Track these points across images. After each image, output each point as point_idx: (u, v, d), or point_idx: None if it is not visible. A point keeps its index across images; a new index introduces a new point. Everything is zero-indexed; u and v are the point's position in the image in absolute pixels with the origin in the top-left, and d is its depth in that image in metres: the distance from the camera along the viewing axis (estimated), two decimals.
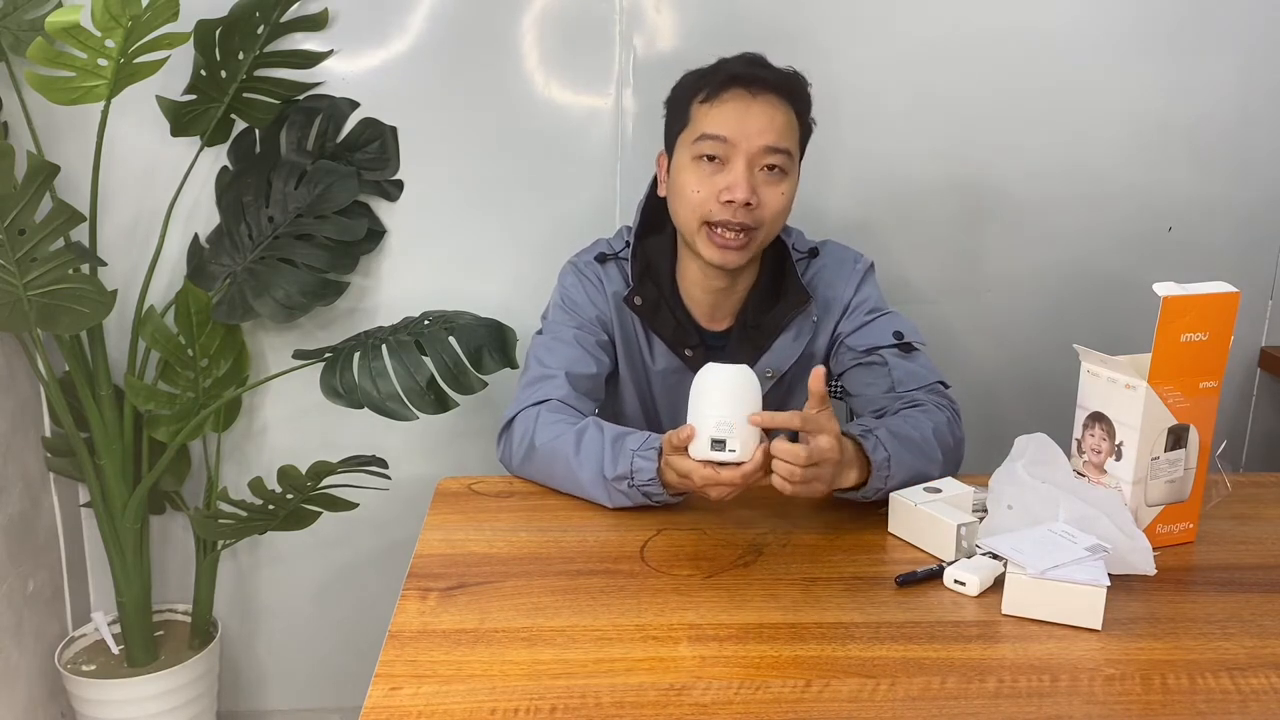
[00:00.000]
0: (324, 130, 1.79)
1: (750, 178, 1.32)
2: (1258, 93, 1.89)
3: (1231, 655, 0.98)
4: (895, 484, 1.22)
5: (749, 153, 1.32)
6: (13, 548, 1.76)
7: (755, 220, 1.33)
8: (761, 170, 1.33)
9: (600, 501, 1.26)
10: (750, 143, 1.32)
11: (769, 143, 1.32)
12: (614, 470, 1.22)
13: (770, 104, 1.34)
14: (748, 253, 1.36)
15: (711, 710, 0.89)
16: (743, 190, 1.31)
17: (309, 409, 1.88)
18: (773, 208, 1.34)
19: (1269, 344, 2.01)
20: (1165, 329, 1.11)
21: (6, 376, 1.76)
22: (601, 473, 1.24)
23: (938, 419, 1.31)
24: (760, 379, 1.43)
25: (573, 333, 1.43)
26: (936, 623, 1.02)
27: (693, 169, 1.35)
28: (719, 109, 1.33)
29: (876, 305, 1.46)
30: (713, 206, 1.33)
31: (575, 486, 1.28)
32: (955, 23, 1.82)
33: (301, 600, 2.05)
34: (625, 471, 1.21)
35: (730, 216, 1.32)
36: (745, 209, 1.32)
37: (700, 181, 1.34)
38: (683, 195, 1.36)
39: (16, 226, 1.46)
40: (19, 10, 1.67)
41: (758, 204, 1.32)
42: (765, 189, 1.33)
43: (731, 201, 1.31)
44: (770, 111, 1.33)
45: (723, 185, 1.32)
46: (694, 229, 1.36)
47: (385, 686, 0.91)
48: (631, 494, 1.23)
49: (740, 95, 1.33)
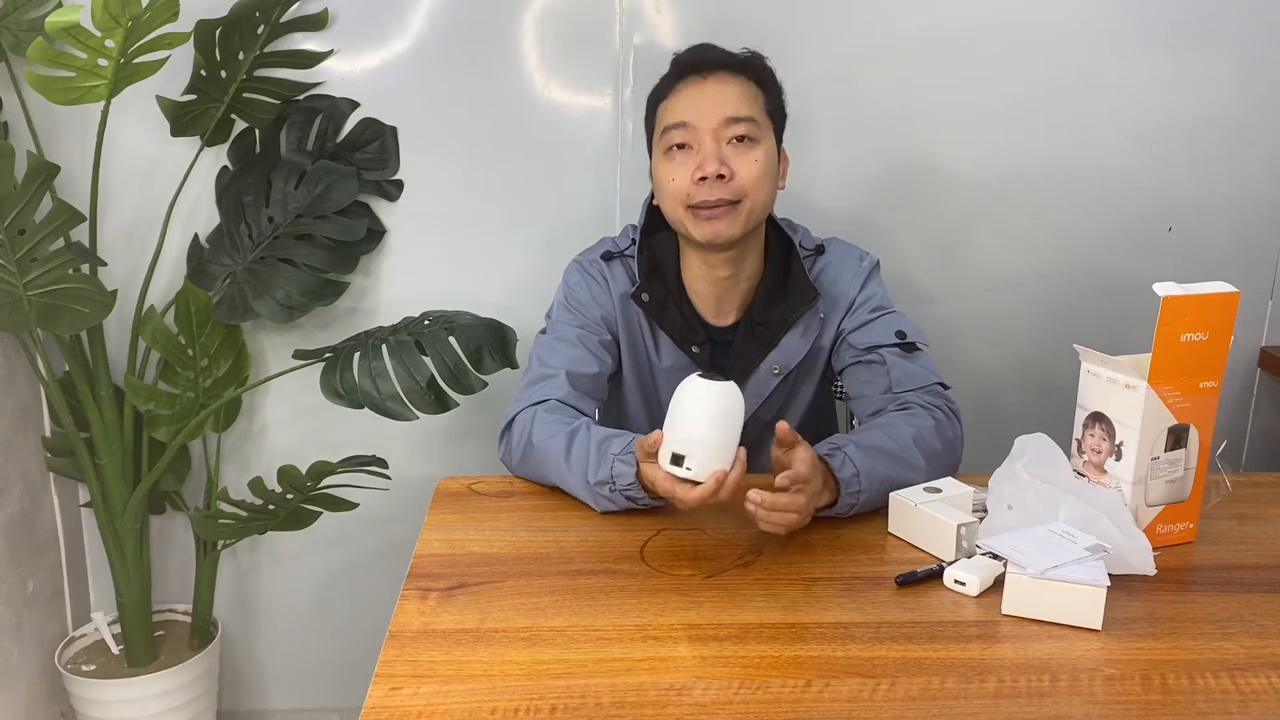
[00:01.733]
0: (324, 130, 1.79)
1: (718, 151, 1.33)
2: (1257, 92, 1.89)
3: (1231, 655, 0.98)
4: (869, 498, 1.22)
5: (710, 128, 1.33)
6: (13, 548, 1.76)
7: (734, 193, 1.34)
8: (730, 143, 1.34)
9: (585, 502, 1.27)
10: (708, 119, 1.33)
11: (727, 114, 1.34)
12: (596, 475, 1.23)
13: (722, 80, 1.36)
14: (736, 223, 1.35)
15: (711, 710, 0.89)
16: (712, 164, 1.32)
17: (309, 409, 1.88)
18: (749, 175, 1.34)
19: (1269, 344, 2.01)
20: (1165, 329, 1.11)
21: (6, 376, 1.76)
22: (586, 478, 1.24)
23: (922, 424, 1.31)
24: (767, 376, 1.44)
25: (576, 332, 1.43)
26: (936, 623, 1.02)
27: (665, 161, 1.37)
28: (675, 99, 1.37)
29: (881, 304, 1.46)
30: (690, 190, 1.34)
31: (567, 489, 1.29)
32: (955, 22, 1.82)
33: (301, 600, 2.05)
34: (606, 477, 1.22)
35: (708, 195, 1.33)
36: (720, 182, 1.32)
37: (674, 170, 1.35)
38: (663, 188, 1.38)
39: (16, 226, 1.47)
40: (19, 10, 1.67)
41: (731, 175, 1.33)
42: (736, 159, 1.34)
43: (705, 178, 1.32)
44: (723, 88, 1.35)
45: (693, 166, 1.33)
46: (681, 216, 1.37)
47: (385, 686, 0.91)
48: (615, 498, 1.23)
49: (692, 81, 1.36)
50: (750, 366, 1.43)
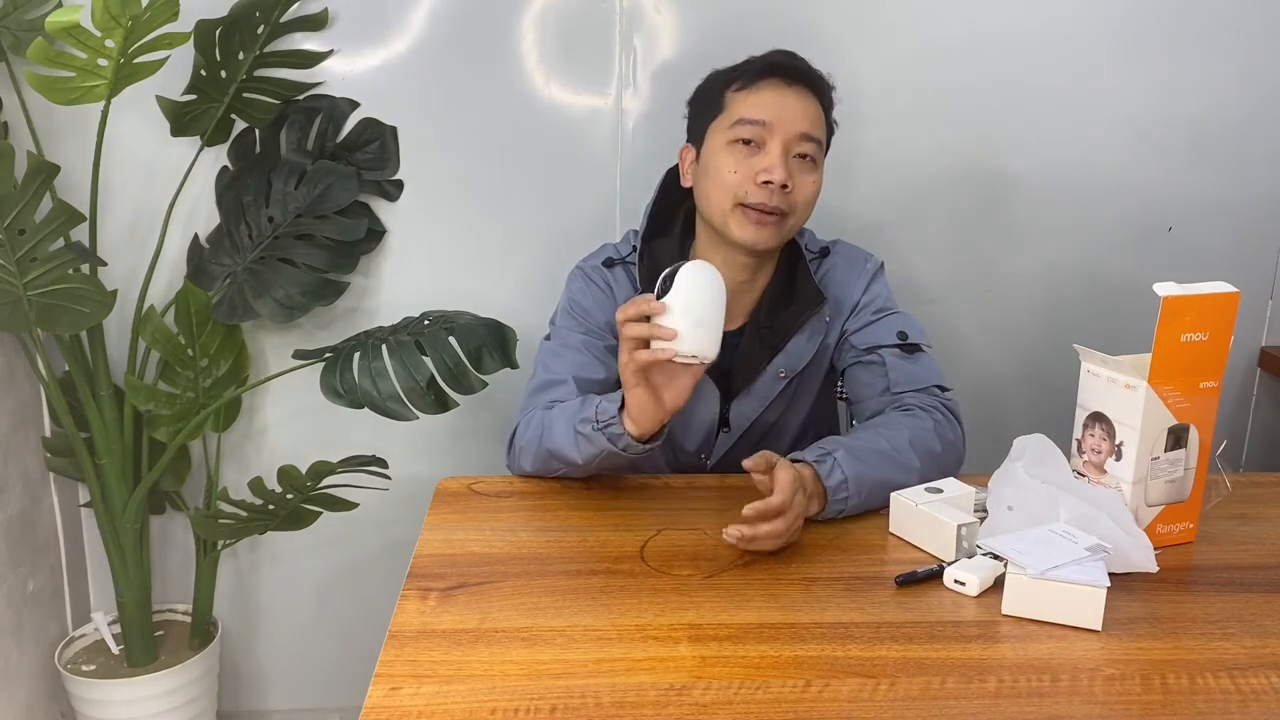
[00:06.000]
0: (324, 130, 1.79)
1: (786, 162, 1.33)
2: (1258, 92, 1.89)
3: (1231, 655, 0.98)
4: (859, 501, 1.23)
5: (786, 137, 1.34)
6: (13, 548, 1.76)
7: (789, 205, 1.35)
8: (795, 157, 1.35)
9: (573, 458, 1.26)
10: (787, 128, 1.34)
11: (804, 129, 1.34)
12: (579, 414, 1.24)
13: (804, 95, 1.36)
14: (779, 234, 1.37)
15: (711, 710, 0.89)
16: (780, 172, 1.32)
17: (309, 409, 1.88)
18: (805, 194, 1.36)
19: (1269, 344, 2.01)
20: (1165, 329, 1.11)
21: (6, 376, 1.76)
22: (571, 422, 1.25)
23: (919, 425, 1.31)
24: (773, 379, 1.44)
25: (580, 338, 1.43)
26: (936, 623, 1.02)
27: (728, 152, 1.36)
28: (756, 95, 1.35)
29: (884, 305, 1.46)
30: (749, 188, 1.34)
31: (555, 449, 1.28)
32: (956, 23, 1.82)
33: (301, 600, 2.05)
34: (589, 415, 1.22)
35: (766, 199, 1.33)
36: (781, 191, 1.33)
37: (737, 163, 1.35)
38: (718, 177, 1.36)
39: (16, 226, 1.47)
40: (19, 10, 1.67)
41: (792, 188, 1.34)
42: (799, 175, 1.35)
43: (769, 183, 1.33)
44: (805, 101, 1.36)
45: (760, 167, 1.33)
46: (726, 210, 1.36)
47: (385, 686, 0.91)
48: (595, 438, 1.22)
49: (777, 84, 1.36)
50: (756, 370, 1.43)
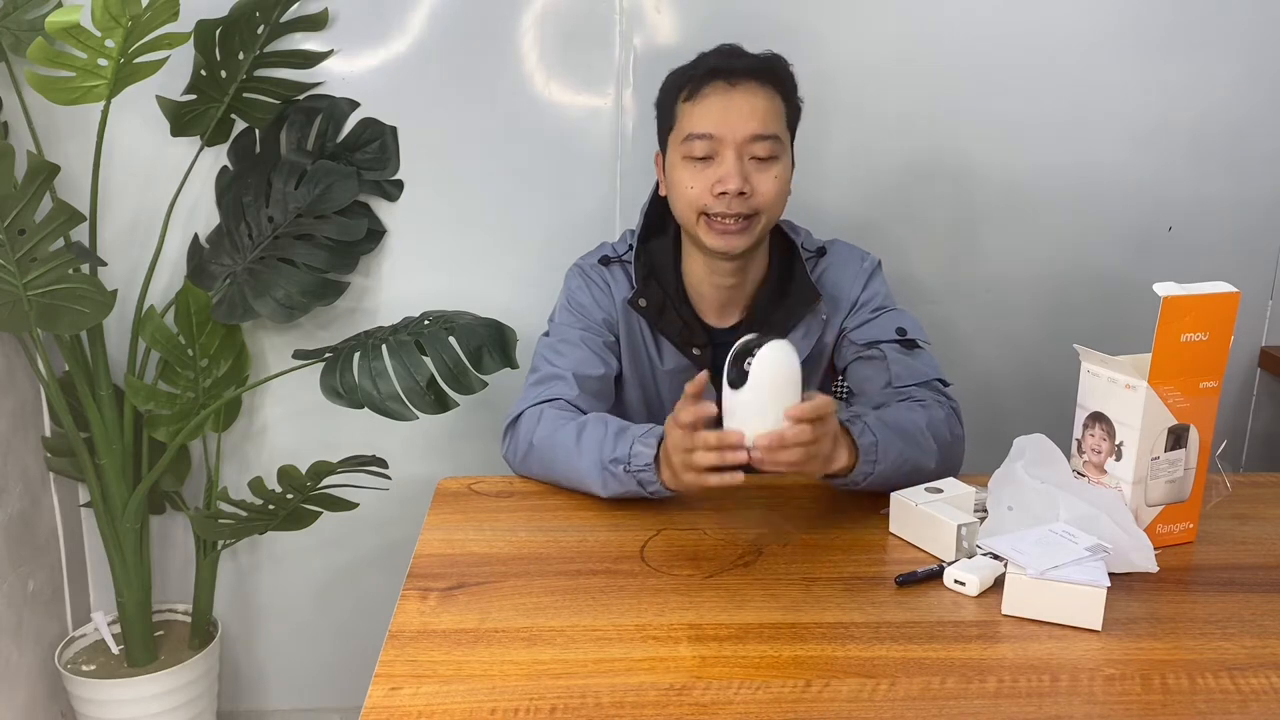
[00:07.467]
0: (324, 130, 1.79)
1: (741, 167, 1.33)
2: (1258, 93, 1.89)
3: (1231, 655, 0.98)
4: (885, 469, 1.22)
5: (736, 143, 1.33)
6: (13, 548, 1.76)
7: (751, 208, 1.35)
8: (751, 160, 1.34)
9: (595, 491, 1.26)
10: (735, 134, 1.33)
11: (754, 131, 1.33)
12: (612, 453, 1.23)
13: (751, 91, 1.35)
14: (749, 236, 1.37)
15: (711, 710, 0.89)
16: (734, 181, 1.32)
17: (309, 409, 1.88)
18: (767, 193, 1.35)
19: (1269, 344, 2.01)
20: (1165, 329, 1.11)
21: (6, 376, 1.76)
22: (600, 457, 1.24)
23: (934, 413, 1.32)
24: None
25: (579, 334, 1.44)
26: (936, 623, 1.02)
27: (684, 167, 1.36)
28: (701, 105, 1.35)
29: (883, 302, 1.47)
30: (708, 200, 1.34)
31: (574, 475, 1.28)
32: (956, 21, 1.82)
33: (301, 600, 2.05)
34: (623, 455, 1.21)
35: (725, 208, 1.34)
36: (740, 198, 1.33)
37: (693, 177, 1.35)
38: (679, 191, 1.38)
39: (16, 226, 1.47)
40: (19, 10, 1.67)
41: (751, 192, 1.34)
42: (757, 176, 1.34)
43: (725, 193, 1.33)
44: (752, 100, 1.34)
45: (714, 179, 1.33)
46: (693, 222, 1.37)
47: (385, 686, 0.91)
48: (625, 480, 1.22)
49: (720, 88, 1.35)
50: None
